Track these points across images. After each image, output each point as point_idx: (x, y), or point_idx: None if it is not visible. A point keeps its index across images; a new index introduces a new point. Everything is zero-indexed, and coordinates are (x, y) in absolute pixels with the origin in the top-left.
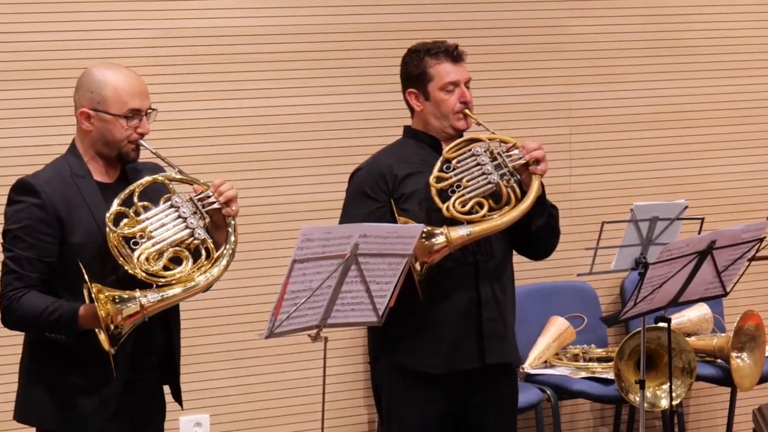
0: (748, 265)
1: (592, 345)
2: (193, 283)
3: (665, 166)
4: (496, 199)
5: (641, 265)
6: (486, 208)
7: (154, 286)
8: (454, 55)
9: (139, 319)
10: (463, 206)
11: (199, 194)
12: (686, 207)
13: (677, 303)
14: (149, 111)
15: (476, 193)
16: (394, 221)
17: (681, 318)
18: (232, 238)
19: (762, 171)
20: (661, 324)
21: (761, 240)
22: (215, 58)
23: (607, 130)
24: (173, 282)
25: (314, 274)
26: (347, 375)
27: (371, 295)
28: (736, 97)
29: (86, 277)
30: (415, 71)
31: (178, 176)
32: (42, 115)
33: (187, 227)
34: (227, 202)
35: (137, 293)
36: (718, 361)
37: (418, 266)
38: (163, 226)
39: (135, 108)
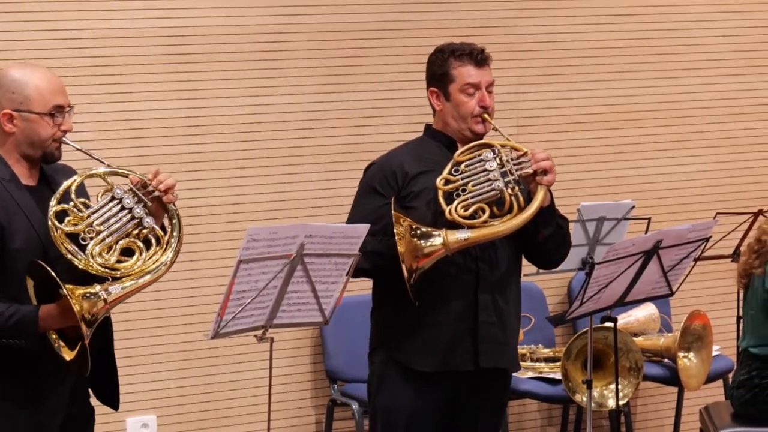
0: (695, 264)
1: (540, 345)
2: (150, 270)
3: (612, 166)
4: (500, 206)
5: (588, 265)
6: (487, 213)
7: (110, 279)
8: (478, 58)
9: (104, 313)
10: (465, 210)
11: (137, 184)
12: (633, 207)
13: (624, 303)
14: (69, 108)
15: (479, 199)
16: (400, 212)
17: (628, 318)
18: (176, 221)
19: (708, 171)
20: (607, 324)
21: (707, 240)
22: (163, 58)
23: (555, 130)
24: (129, 273)
25: (260, 275)
26: (294, 375)
27: (317, 296)
28: (682, 97)
29: (53, 275)
30: (438, 71)
31: (112, 170)
32: None
33: (133, 217)
34: (166, 190)
35: (97, 287)
36: (665, 360)
37: (406, 272)
38: (109, 219)
39: (59, 104)
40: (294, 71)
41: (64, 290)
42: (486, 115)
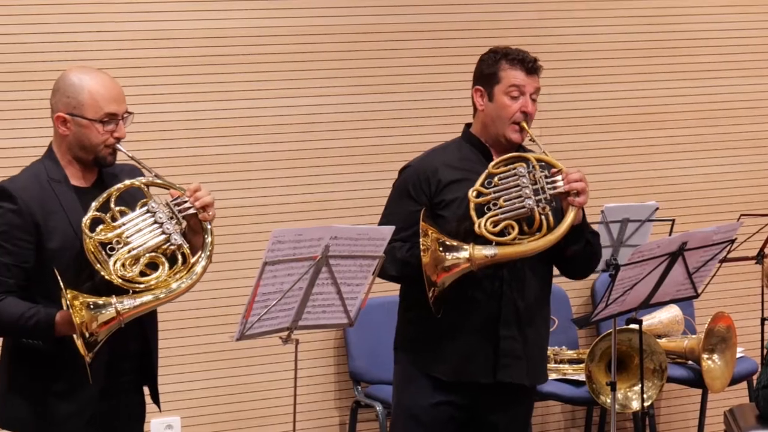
0: (719, 266)
1: (563, 347)
2: (169, 289)
3: (636, 167)
4: (530, 224)
5: (612, 267)
6: (516, 231)
7: (130, 292)
8: (529, 66)
9: (115, 326)
10: (495, 226)
11: (175, 199)
12: (657, 208)
13: (649, 305)
14: (126, 115)
15: (509, 215)
16: (428, 224)
17: (652, 320)
18: (209, 243)
19: (732, 172)
20: (632, 326)
21: (732, 241)
22: (193, 60)
23: (579, 131)
24: (150, 288)
25: (285, 276)
26: (318, 377)
27: (342, 297)
28: (707, 98)
29: (61, 283)
30: (487, 70)
31: (154, 181)
32: (17, 117)
33: (163, 233)
34: (203, 207)
35: (113, 299)
36: (689, 362)
37: (427, 285)
38: (139, 231)
39: (111, 112)
40: (323, 73)
41: (67, 296)
42: (524, 124)
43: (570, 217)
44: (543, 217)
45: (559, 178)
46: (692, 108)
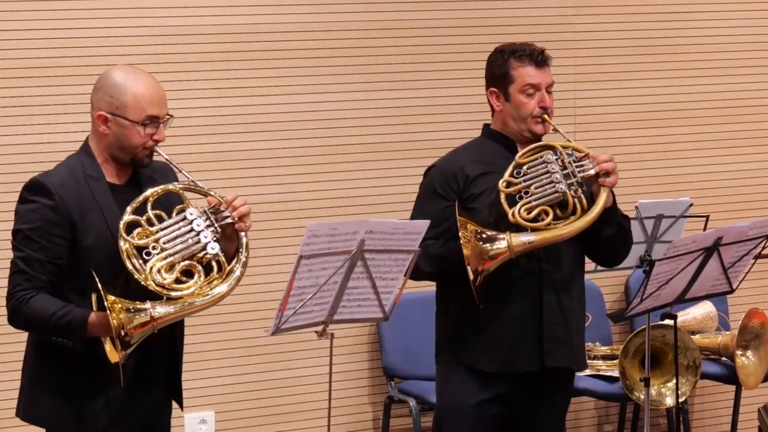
0: (754, 262)
1: (597, 343)
2: (204, 298)
3: (670, 163)
4: (563, 209)
5: (646, 263)
6: (551, 216)
7: (164, 298)
8: (538, 59)
9: (149, 330)
10: (529, 213)
11: (213, 207)
12: (691, 204)
13: (684, 300)
14: (166, 118)
15: (542, 201)
16: (465, 217)
17: (686, 316)
18: (244, 253)
19: (766, 168)
20: (666, 321)
21: (767, 237)
22: (220, 56)
23: (612, 128)
24: (184, 295)
25: (320, 270)
26: (352, 372)
27: (377, 291)
28: (741, 95)
29: (99, 286)
30: (498, 71)
31: (192, 186)
32: (53, 112)
33: (200, 241)
34: (240, 218)
35: (148, 305)
36: (723, 359)
37: (471, 274)
38: (176, 238)
39: (153, 115)
40: (352, 68)
41: (107, 299)
42: (545, 116)
43: (603, 198)
44: (576, 199)
45: (586, 161)
46: (727, 104)
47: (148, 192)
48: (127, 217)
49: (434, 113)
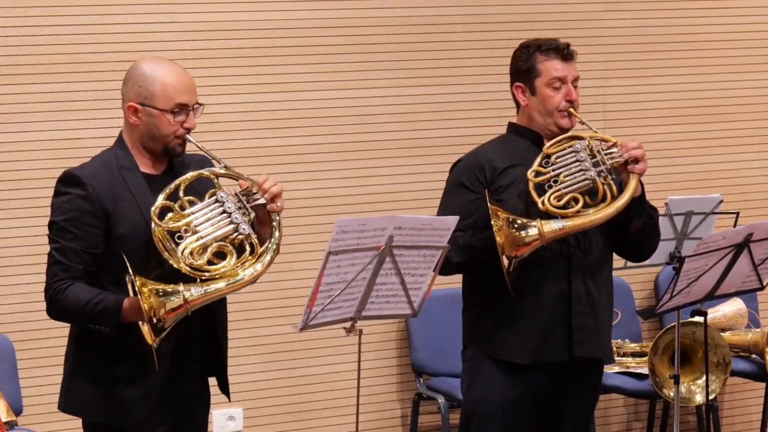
0: None
1: (626, 340)
2: (236, 278)
3: (700, 160)
4: (593, 196)
5: (676, 259)
6: (581, 203)
7: (198, 280)
8: (564, 53)
9: (182, 313)
10: (559, 200)
11: (244, 190)
12: (721, 201)
13: (714, 296)
14: (196, 106)
15: (572, 189)
16: (496, 206)
17: (716, 313)
18: (277, 234)
19: None
20: (696, 318)
21: None
22: (250, 52)
23: (642, 124)
24: (217, 276)
25: (349, 266)
26: (380, 369)
27: (406, 288)
28: None
29: (129, 269)
30: (523, 66)
31: (224, 171)
32: (87, 108)
33: (231, 222)
34: (272, 198)
35: (181, 287)
36: (753, 356)
37: (505, 260)
38: (208, 221)
39: (182, 103)
40: (381, 65)
41: (136, 282)
42: (572, 109)
43: (632, 186)
44: (606, 186)
45: (615, 149)
46: (756, 100)
47: (181, 178)
48: (160, 202)
49: (464, 109)
